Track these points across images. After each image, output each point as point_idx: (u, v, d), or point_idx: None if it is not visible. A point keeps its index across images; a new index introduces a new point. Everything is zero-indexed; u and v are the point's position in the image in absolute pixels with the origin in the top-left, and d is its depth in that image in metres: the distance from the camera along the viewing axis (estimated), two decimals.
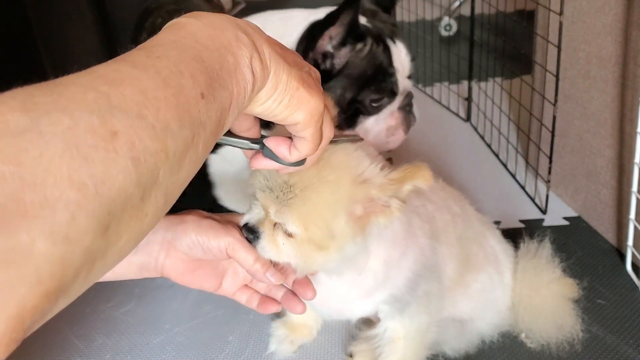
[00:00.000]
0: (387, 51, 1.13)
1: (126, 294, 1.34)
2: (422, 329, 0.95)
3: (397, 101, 1.17)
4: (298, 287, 0.76)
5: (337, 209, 0.68)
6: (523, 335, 1.10)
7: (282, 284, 0.78)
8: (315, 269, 0.75)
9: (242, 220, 0.74)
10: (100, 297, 1.34)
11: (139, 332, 1.22)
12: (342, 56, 1.10)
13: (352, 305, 0.93)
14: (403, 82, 1.17)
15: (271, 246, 0.71)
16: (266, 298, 0.77)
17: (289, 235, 0.70)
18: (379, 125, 1.17)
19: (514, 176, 1.66)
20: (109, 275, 0.69)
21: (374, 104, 1.15)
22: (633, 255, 1.25)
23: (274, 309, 0.77)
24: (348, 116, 1.15)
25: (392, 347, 0.96)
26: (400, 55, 1.15)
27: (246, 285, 0.78)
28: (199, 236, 0.69)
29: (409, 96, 1.18)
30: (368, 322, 1.08)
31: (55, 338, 1.23)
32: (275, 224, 0.71)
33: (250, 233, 0.72)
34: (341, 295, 0.90)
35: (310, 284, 0.76)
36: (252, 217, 0.73)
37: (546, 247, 1.13)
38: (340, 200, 0.68)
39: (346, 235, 0.70)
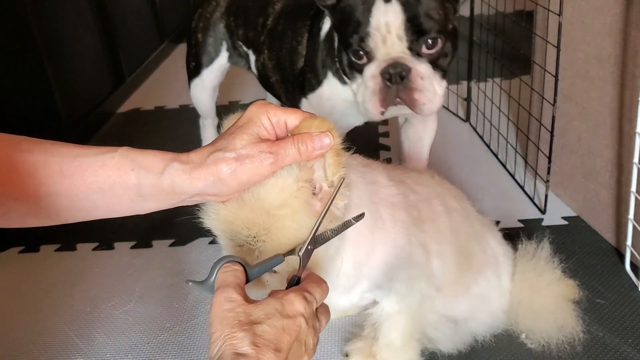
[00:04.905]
0: (370, 9, 1.05)
1: (127, 293, 1.34)
2: (415, 303, 0.97)
3: (376, 66, 1.08)
4: None
5: (303, 229, 0.70)
6: (524, 335, 1.11)
7: None
8: None
9: None
10: (101, 296, 1.34)
11: (139, 332, 1.22)
12: None
13: (336, 298, 0.94)
14: (389, 48, 1.07)
15: (258, 286, 0.73)
16: None
17: (274, 270, 0.72)
18: (362, 85, 1.11)
19: (513, 176, 1.66)
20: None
21: (354, 59, 1.09)
22: (632, 254, 1.25)
23: None
24: (346, 65, 1.12)
25: (391, 323, 0.98)
26: (387, 18, 1.05)
27: None
28: None
29: (396, 67, 1.06)
30: (362, 324, 1.10)
31: (56, 337, 1.23)
32: None
33: None
34: None
35: None
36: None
37: (545, 248, 1.14)
38: (302, 218, 0.70)
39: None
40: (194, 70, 1.65)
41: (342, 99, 1.25)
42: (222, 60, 1.60)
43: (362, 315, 1.09)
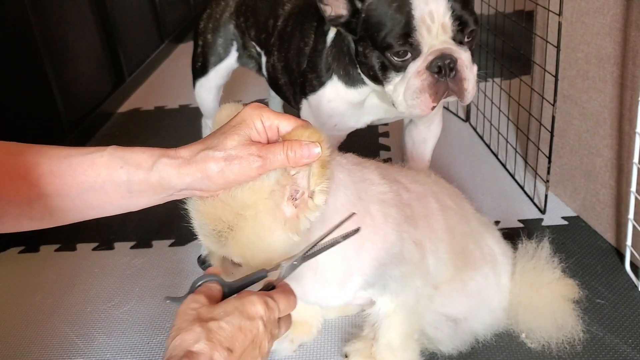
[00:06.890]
0: (406, 2, 1.04)
1: (127, 293, 1.34)
2: (410, 302, 0.97)
3: (422, 60, 1.06)
4: None
5: (266, 232, 0.72)
6: (523, 335, 1.11)
7: None
8: None
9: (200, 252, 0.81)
10: (101, 296, 1.34)
11: (139, 332, 1.23)
12: (365, 5, 1.08)
13: (329, 296, 0.95)
14: (433, 39, 1.05)
15: (222, 275, 0.75)
16: None
17: (237, 264, 0.75)
18: (402, 84, 1.09)
19: (513, 176, 1.67)
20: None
21: (396, 58, 1.07)
22: (632, 254, 1.25)
23: None
24: (378, 69, 1.11)
25: (389, 322, 0.99)
26: (430, 7, 1.04)
27: None
28: None
29: (444, 58, 1.05)
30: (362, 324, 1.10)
31: (56, 338, 1.23)
32: (223, 256, 0.77)
33: (202, 263, 0.80)
34: (312, 291, 0.92)
35: None
36: (204, 250, 0.81)
37: (545, 248, 1.14)
38: (265, 220, 0.71)
39: (284, 245, 0.73)
40: (200, 69, 1.64)
41: (345, 101, 1.24)
42: (231, 60, 1.59)
43: (361, 315, 1.09)
